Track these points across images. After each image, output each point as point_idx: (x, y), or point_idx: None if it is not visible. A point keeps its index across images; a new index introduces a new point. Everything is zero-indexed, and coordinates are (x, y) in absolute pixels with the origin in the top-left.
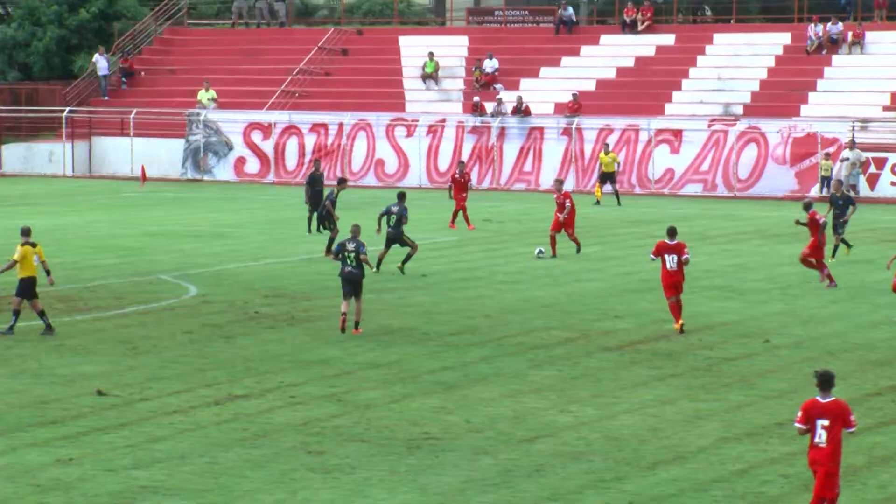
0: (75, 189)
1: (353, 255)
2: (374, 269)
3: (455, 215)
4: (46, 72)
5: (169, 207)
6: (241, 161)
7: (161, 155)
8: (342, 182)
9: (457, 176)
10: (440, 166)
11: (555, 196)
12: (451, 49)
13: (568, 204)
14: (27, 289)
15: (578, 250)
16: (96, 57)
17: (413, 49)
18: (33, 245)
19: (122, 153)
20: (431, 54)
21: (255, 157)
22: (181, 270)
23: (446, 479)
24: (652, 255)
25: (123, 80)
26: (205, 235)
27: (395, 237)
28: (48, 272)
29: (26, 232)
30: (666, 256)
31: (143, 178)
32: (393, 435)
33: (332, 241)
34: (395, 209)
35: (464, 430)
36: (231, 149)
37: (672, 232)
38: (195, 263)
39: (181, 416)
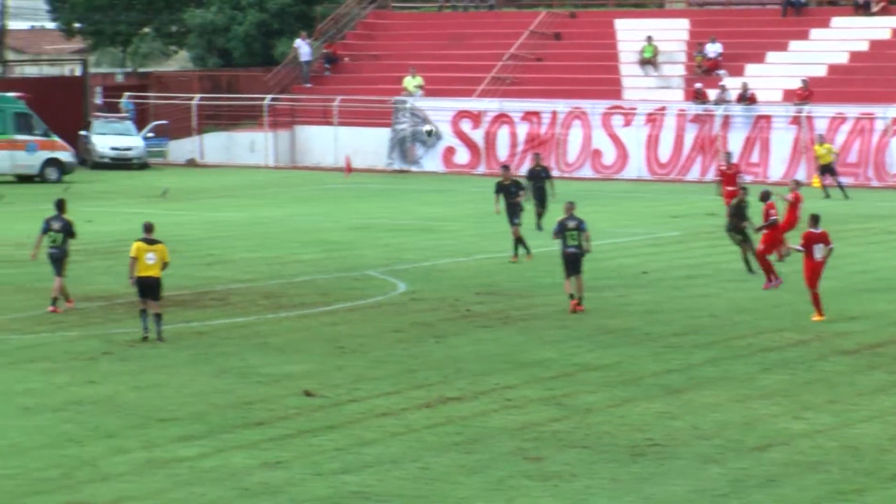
0: (277, 180)
1: (574, 233)
2: (749, 271)
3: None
4: (247, 58)
5: (375, 200)
6: (449, 151)
7: (366, 145)
8: (506, 168)
9: (724, 167)
10: (661, 157)
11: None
12: (671, 33)
13: (773, 214)
14: (143, 289)
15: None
16: (298, 42)
17: (630, 33)
18: (151, 242)
19: (325, 143)
20: (650, 38)
21: (464, 147)
22: (388, 266)
23: (672, 489)
24: (801, 247)
25: (326, 66)
26: (413, 229)
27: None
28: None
29: (147, 229)
30: (815, 246)
31: (349, 168)
32: (615, 441)
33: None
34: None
35: (690, 437)
36: (439, 138)
37: (817, 219)
38: (403, 259)
39: (392, 419)
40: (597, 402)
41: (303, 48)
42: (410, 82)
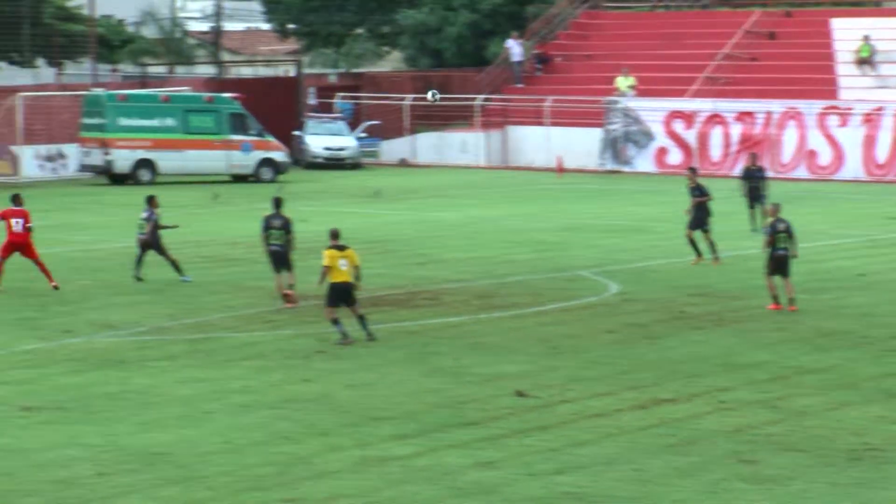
0: (489, 180)
1: (783, 235)
2: None
3: None
4: (458, 58)
5: (587, 200)
6: (662, 152)
7: (578, 145)
8: (692, 171)
9: None
10: (878, 157)
11: None
12: (889, 32)
13: None
14: (337, 295)
15: None
16: (509, 42)
17: (846, 32)
18: (341, 249)
19: (537, 143)
20: (867, 37)
21: (677, 148)
22: (600, 266)
23: (891, 494)
24: None
25: (538, 66)
26: (625, 230)
27: None
28: (357, 278)
29: (334, 235)
30: None
31: (560, 169)
32: (831, 445)
33: None
34: None
35: None
36: (652, 139)
37: None
38: (615, 259)
39: (604, 420)
40: (813, 405)
41: (514, 48)
42: (623, 82)
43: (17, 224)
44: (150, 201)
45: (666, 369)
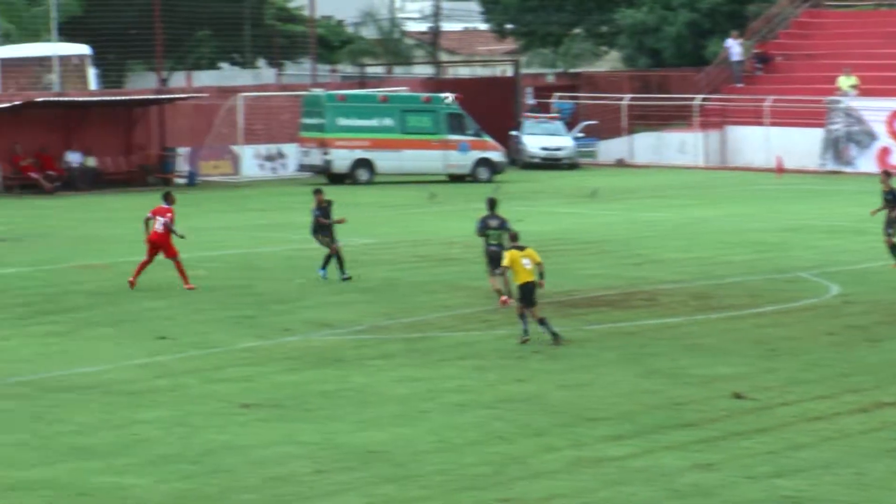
0: (708, 181)
1: None
2: None
3: None
4: (677, 58)
5: (807, 201)
6: (885, 152)
7: (798, 145)
8: (886, 175)
9: None
10: None
11: None
12: None
13: None
14: (524, 294)
15: None
16: (729, 42)
17: None
18: (521, 249)
19: (756, 143)
20: None
21: None
22: (820, 268)
23: None
24: None
25: (758, 65)
26: (846, 231)
27: None
28: (541, 275)
29: (513, 237)
30: None
31: (780, 169)
32: None
33: None
34: None
35: None
36: (874, 139)
37: None
38: (836, 261)
39: (824, 423)
40: None
41: (734, 48)
42: (845, 82)
43: (158, 224)
44: (315, 194)
45: (888, 372)
